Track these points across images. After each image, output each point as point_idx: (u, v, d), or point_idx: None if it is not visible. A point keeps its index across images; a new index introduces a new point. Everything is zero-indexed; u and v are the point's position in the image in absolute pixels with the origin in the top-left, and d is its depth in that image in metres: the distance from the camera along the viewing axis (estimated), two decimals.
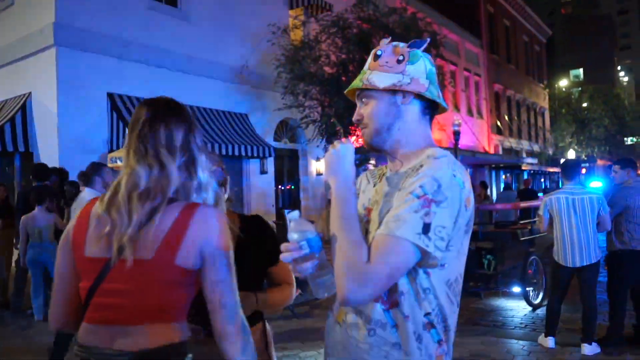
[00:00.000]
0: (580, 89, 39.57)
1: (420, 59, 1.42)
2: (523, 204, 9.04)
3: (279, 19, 12.62)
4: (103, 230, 1.34)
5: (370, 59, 1.46)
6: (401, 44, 1.44)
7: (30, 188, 6.66)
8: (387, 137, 1.41)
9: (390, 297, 1.29)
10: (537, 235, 7.12)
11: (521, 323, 5.81)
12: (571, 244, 4.65)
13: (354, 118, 1.46)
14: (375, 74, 1.41)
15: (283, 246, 1.31)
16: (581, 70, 51.59)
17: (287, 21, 13.39)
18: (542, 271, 6.61)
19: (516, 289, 6.49)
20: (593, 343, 4.61)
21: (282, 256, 1.30)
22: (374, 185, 1.50)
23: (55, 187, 6.94)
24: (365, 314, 1.32)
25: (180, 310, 1.39)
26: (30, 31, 9.39)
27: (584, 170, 25.71)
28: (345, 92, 1.51)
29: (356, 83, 1.44)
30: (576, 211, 4.61)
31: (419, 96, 1.41)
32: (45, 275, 6.06)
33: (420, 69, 1.41)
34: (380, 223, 1.30)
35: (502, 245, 6.71)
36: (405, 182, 1.30)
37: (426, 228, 1.20)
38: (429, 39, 1.51)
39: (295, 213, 1.32)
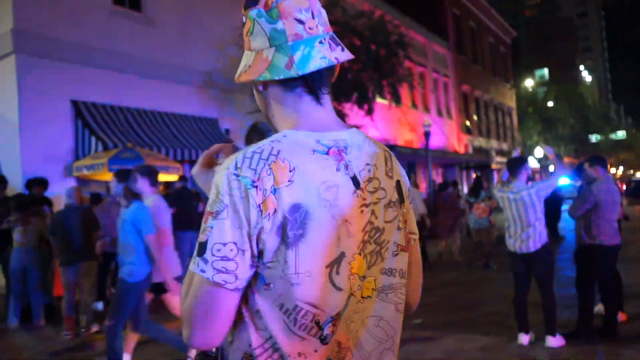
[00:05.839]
0: (545, 88, 40.56)
1: (254, 24, 1.02)
2: None
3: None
4: None
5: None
6: (250, 13, 1.04)
7: None
8: (275, 129, 1.09)
9: None
10: None
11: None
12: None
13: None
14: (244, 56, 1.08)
15: None
16: (546, 70, 52.65)
17: None
18: None
19: None
20: (557, 335, 4.59)
21: None
22: None
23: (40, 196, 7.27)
24: None
25: None
26: None
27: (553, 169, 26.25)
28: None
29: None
30: (517, 205, 4.64)
31: None
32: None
33: (259, 39, 1.02)
34: None
35: None
36: None
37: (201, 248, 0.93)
38: None
39: None
